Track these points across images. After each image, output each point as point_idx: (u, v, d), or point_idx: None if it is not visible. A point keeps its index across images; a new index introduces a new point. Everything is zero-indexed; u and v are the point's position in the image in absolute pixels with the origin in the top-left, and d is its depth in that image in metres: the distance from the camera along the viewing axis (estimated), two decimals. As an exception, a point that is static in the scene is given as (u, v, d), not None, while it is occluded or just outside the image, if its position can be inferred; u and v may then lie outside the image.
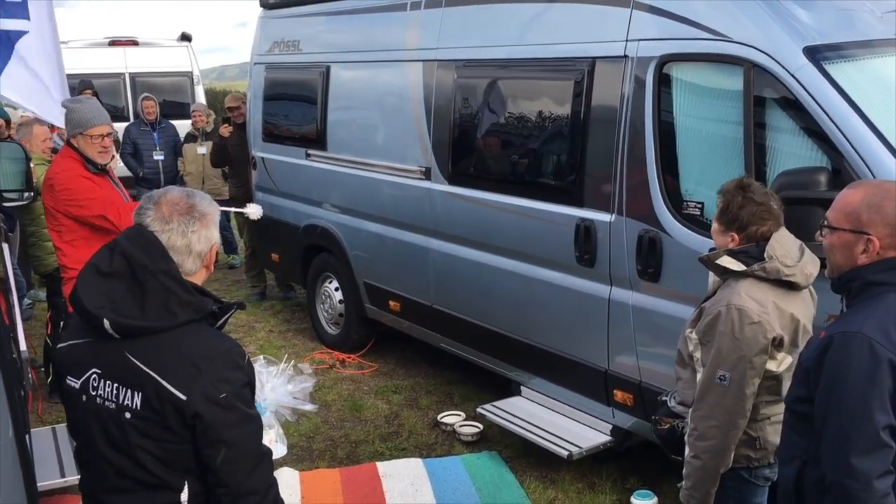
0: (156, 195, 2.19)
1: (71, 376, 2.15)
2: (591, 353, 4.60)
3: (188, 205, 2.17)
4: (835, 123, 3.49)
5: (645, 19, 4.20)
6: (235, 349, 2.13)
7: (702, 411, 2.90)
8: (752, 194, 2.95)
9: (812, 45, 3.70)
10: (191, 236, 2.14)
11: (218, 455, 2.04)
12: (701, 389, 2.92)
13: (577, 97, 4.51)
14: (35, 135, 6.32)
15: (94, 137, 4.37)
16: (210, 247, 2.20)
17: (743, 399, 2.84)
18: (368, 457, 5.12)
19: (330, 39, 6.69)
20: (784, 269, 2.87)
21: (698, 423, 2.91)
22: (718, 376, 2.85)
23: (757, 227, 2.92)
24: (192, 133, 9.46)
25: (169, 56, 13.21)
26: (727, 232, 2.97)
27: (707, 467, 2.91)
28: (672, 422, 3.14)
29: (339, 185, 6.54)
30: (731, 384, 2.83)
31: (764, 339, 2.81)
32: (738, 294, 2.85)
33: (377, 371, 6.53)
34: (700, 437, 2.91)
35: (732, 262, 2.91)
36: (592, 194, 4.45)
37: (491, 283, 5.19)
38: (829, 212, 2.39)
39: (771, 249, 2.88)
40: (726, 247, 2.97)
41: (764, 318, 2.81)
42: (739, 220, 2.93)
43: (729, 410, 2.85)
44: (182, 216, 2.14)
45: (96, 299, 2.04)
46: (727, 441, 2.88)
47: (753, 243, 2.93)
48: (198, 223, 2.16)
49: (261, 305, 8.33)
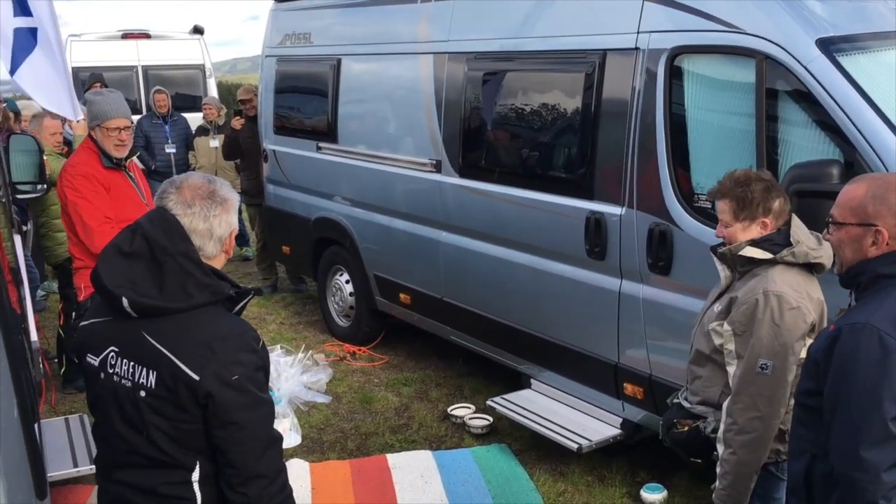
0: (177, 180, 2.23)
1: (91, 354, 2.19)
2: (601, 347, 4.60)
3: (210, 190, 2.21)
4: (847, 116, 3.46)
5: (656, 11, 4.18)
6: (250, 332, 2.16)
7: (742, 403, 2.84)
8: (754, 175, 2.97)
9: (825, 36, 3.67)
10: (212, 220, 2.18)
11: (228, 436, 2.06)
12: (740, 381, 2.86)
13: (587, 89, 4.50)
14: (45, 127, 6.36)
15: (111, 130, 4.39)
16: (230, 232, 2.23)
17: (785, 387, 2.81)
18: (378, 449, 5.14)
19: (341, 32, 6.69)
20: (812, 252, 2.87)
21: (738, 416, 2.84)
22: (760, 365, 2.80)
23: (777, 199, 2.92)
24: (204, 126, 9.48)
25: (181, 49, 13.22)
26: (754, 222, 2.93)
27: (746, 462, 2.85)
28: (692, 423, 3.08)
29: (349, 178, 6.55)
30: (774, 371, 2.79)
31: (804, 324, 2.80)
32: (772, 281, 2.83)
33: (387, 363, 6.54)
34: (740, 430, 2.84)
35: (759, 251, 2.89)
36: (603, 187, 4.43)
37: (501, 276, 5.19)
38: (834, 209, 2.38)
39: (795, 234, 2.88)
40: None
41: (802, 302, 2.81)
42: (765, 203, 2.91)
43: (771, 400, 2.81)
44: (204, 200, 2.18)
45: (116, 278, 2.08)
46: (768, 433, 2.83)
47: (776, 230, 2.92)
48: (219, 207, 2.19)
49: (272, 298, 8.36)
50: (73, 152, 4.68)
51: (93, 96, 4.53)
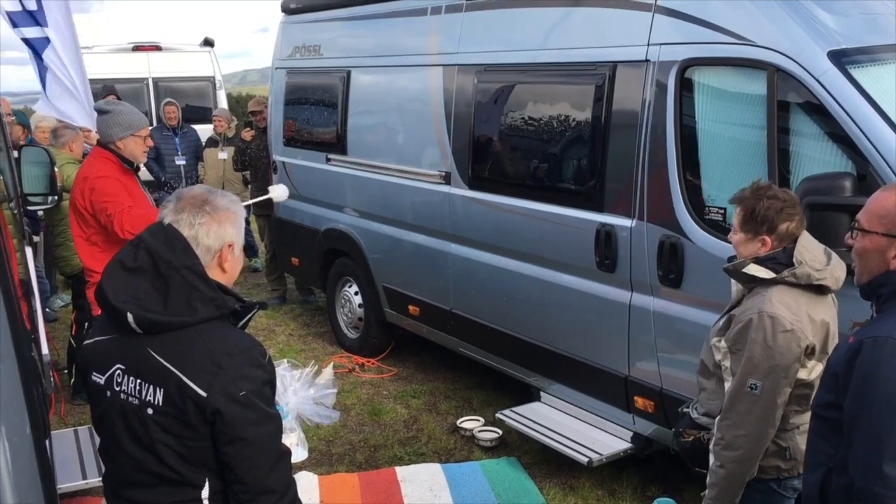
0: (179, 191, 2.23)
1: (96, 372, 2.17)
2: (611, 359, 4.57)
3: (203, 199, 2.19)
4: (860, 128, 3.44)
5: (667, 23, 4.17)
6: (256, 347, 2.14)
7: (730, 420, 2.85)
8: (774, 192, 2.91)
9: (837, 48, 3.65)
10: (197, 228, 2.14)
11: (236, 453, 2.04)
12: (730, 398, 2.86)
13: (597, 101, 4.49)
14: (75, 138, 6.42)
15: (143, 137, 4.51)
16: (222, 244, 2.18)
17: (774, 409, 2.79)
18: (387, 461, 5.12)
19: (350, 44, 6.71)
20: (815, 274, 2.80)
21: (726, 432, 2.86)
22: (749, 385, 2.79)
23: (787, 223, 2.85)
24: (214, 138, 9.52)
25: (191, 61, 13.29)
26: (756, 238, 2.89)
27: (732, 476, 2.87)
28: (697, 433, 3.08)
29: (359, 190, 6.55)
30: (763, 393, 2.77)
31: (797, 348, 2.76)
32: (769, 301, 2.79)
33: (396, 375, 6.53)
34: (727, 446, 2.86)
35: (761, 269, 2.84)
36: (613, 199, 4.42)
37: (510, 287, 5.17)
38: (861, 214, 2.34)
39: (799, 254, 2.82)
40: (755, 254, 2.89)
41: (797, 325, 2.76)
42: (769, 220, 2.86)
43: (759, 420, 2.80)
44: (193, 208, 2.16)
45: (121, 294, 2.06)
46: (755, 451, 2.83)
47: (781, 249, 2.86)
48: (207, 217, 2.15)
49: (281, 309, 8.36)
50: (86, 162, 4.68)
51: (115, 107, 4.51)
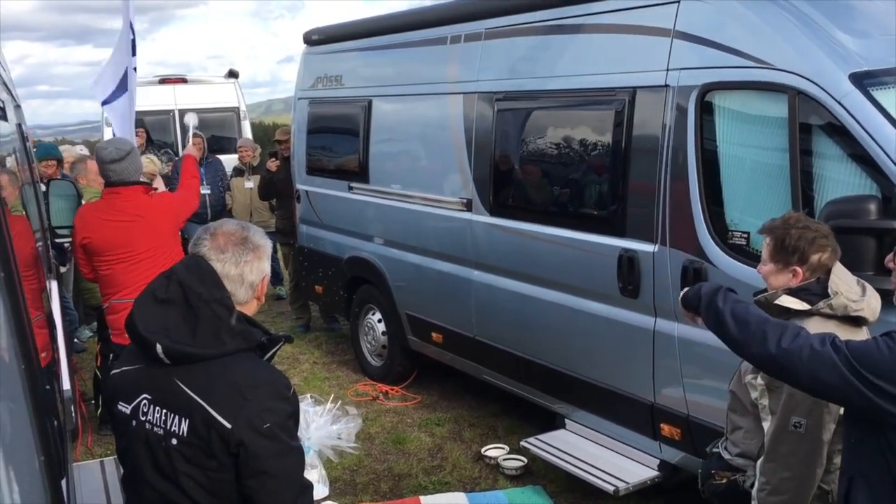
0: (212, 227, 2.27)
1: (122, 402, 2.19)
2: (636, 386, 4.52)
3: (242, 236, 2.24)
4: (883, 150, 3.40)
5: (686, 48, 4.17)
6: (281, 380, 2.16)
7: (775, 462, 2.73)
8: (806, 222, 2.83)
9: (858, 71, 3.62)
10: (244, 266, 2.20)
11: (259, 486, 2.05)
12: (772, 439, 2.74)
13: (617, 127, 4.49)
14: (90, 169, 6.51)
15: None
16: (262, 278, 2.26)
17: (820, 446, 2.67)
18: (412, 490, 5.09)
19: (371, 74, 6.78)
20: (852, 305, 2.71)
21: (770, 476, 2.73)
22: (793, 423, 2.68)
23: (819, 254, 2.76)
24: (239, 167, 9.64)
25: (216, 92, 13.48)
26: (787, 268, 2.80)
27: None
28: (731, 475, 2.98)
29: (381, 218, 6.58)
30: (808, 431, 2.65)
31: None
32: None
33: (420, 403, 6.50)
34: (773, 491, 2.73)
35: (795, 301, 2.74)
36: (635, 224, 4.40)
37: (533, 314, 5.15)
38: None
39: (834, 285, 2.72)
40: (786, 286, 2.80)
41: None
42: (800, 250, 2.77)
43: (805, 461, 2.68)
44: (236, 246, 2.21)
45: (151, 325, 2.10)
46: (804, 494, 2.70)
47: (815, 279, 2.77)
48: (251, 254, 2.22)
49: (305, 337, 8.38)
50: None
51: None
